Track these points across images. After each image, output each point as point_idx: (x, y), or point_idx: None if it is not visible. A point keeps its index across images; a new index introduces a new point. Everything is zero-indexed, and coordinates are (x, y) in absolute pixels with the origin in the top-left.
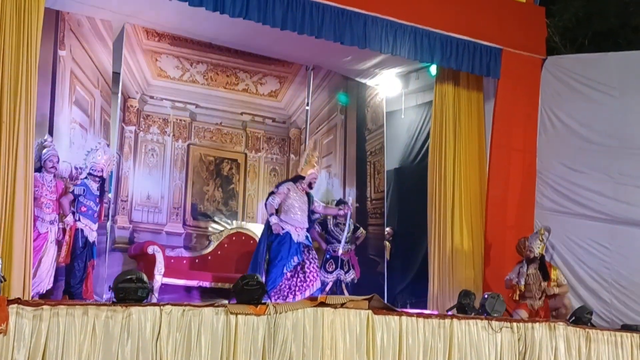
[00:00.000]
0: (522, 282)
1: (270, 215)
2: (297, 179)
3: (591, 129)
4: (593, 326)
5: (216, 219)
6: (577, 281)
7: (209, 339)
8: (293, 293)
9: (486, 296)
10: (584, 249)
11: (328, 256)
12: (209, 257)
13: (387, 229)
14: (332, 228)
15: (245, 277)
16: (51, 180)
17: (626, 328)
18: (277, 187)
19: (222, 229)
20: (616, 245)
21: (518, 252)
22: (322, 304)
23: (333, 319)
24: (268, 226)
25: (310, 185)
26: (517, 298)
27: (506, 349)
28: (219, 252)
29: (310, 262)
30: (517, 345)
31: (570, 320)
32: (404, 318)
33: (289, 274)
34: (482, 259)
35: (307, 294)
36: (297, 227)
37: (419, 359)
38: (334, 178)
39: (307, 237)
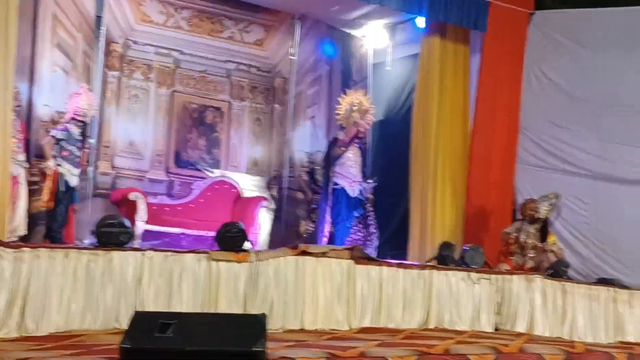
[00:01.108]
0: (523, 236)
1: None
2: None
3: (576, 85)
4: (570, 279)
5: (199, 167)
6: (555, 236)
7: (191, 284)
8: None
9: (466, 248)
10: (565, 204)
11: (314, 206)
12: (192, 205)
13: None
14: (320, 178)
15: (227, 225)
16: (15, 120)
17: (602, 281)
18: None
19: (205, 177)
20: (597, 202)
21: (521, 210)
22: (304, 253)
23: (314, 267)
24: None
25: (357, 136)
26: (512, 251)
27: (484, 300)
28: (202, 200)
29: (370, 216)
30: (495, 297)
31: (548, 274)
32: (384, 268)
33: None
34: (463, 213)
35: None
36: (352, 180)
37: (398, 308)
38: (318, 129)
39: (361, 191)
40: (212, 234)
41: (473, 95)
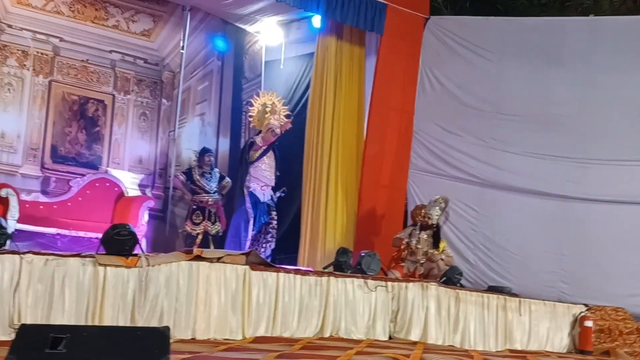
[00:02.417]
0: (414, 242)
1: None
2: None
3: (468, 92)
4: (462, 287)
5: (78, 163)
6: (446, 242)
7: (74, 291)
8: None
9: (363, 254)
10: (454, 210)
11: (195, 207)
12: (69, 204)
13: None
14: (198, 178)
15: (116, 227)
16: None
17: (492, 289)
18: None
19: (84, 174)
20: (484, 208)
21: (412, 216)
22: (198, 258)
23: (208, 273)
24: None
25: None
26: (404, 257)
27: (380, 307)
28: (80, 199)
29: (272, 223)
30: (390, 304)
31: (441, 281)
32: (281, 275)
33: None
34: (354, 216)
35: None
36: (264, 184)
37: (294, 316)
38: (207, 127)
39: (271, 196)
40: (91, 235)
41: (368, 98)
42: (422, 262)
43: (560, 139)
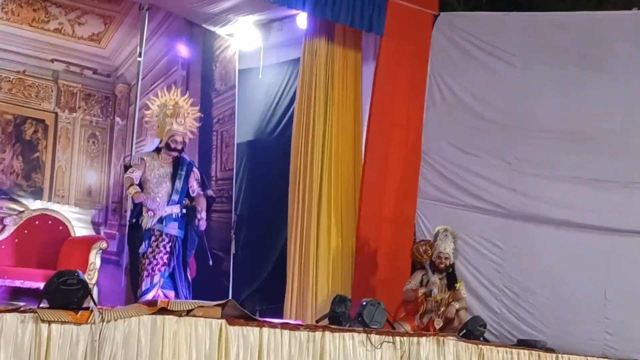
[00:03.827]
0: (436, 292)
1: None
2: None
3: (487, 104)
4: (486, 341)
5: (14, 196)
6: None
7: (11, 354)
8: None
9: (364, 303)
10: (473, 247)
11: None
12: (3, 247)
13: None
14: None
15: (62, 274)
16: None
17: (523, 344)
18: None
19: (21, 209)
20: (510, 245)
21: (415, 257)
22: (163, 311)
23: (176, 329)
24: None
25: (169, 147)
26: (425, 311)
27: None
28: (17, 241)
29: (155, 250)
30: None
31: (461, 334)
32: (265, 330)
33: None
34: (352, 257)
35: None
36: (150, 209)
37: None
38: None
39: (164, 219)
40: (31, 284)
41: (366, 112)
42: (438, 314)
43: (601, 160)
